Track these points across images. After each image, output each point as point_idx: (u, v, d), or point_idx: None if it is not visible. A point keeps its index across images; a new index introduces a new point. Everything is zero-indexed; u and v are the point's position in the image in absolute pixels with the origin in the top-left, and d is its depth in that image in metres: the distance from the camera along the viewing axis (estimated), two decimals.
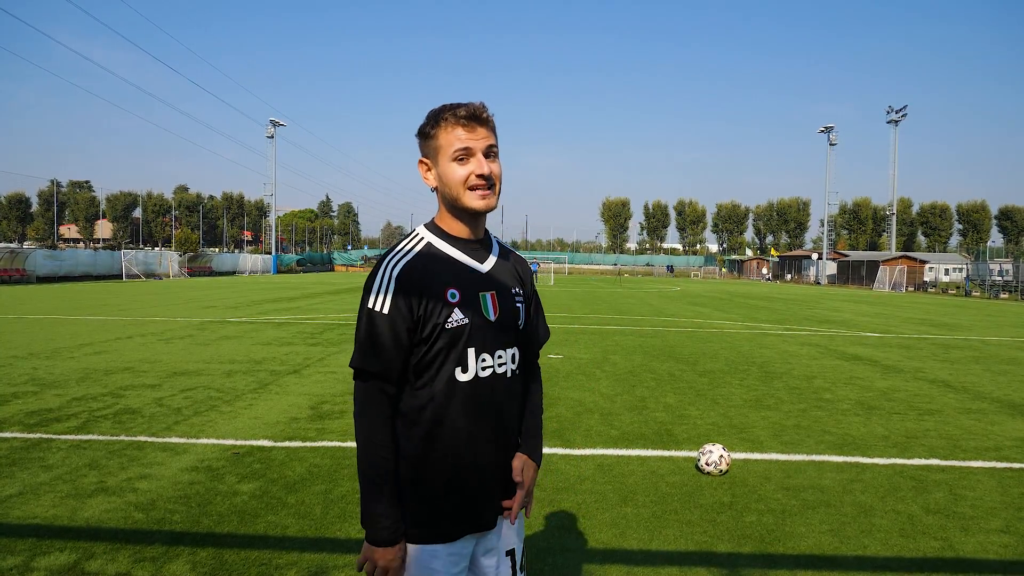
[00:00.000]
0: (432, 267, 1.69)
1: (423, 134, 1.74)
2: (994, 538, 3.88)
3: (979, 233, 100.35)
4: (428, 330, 1.65)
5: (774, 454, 5.46)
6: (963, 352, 12.57)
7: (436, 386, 1.67)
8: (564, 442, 5.65)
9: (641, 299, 28.97)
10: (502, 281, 1.79)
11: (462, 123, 1.67)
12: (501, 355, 1.74)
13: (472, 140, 1.67)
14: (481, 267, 1.76)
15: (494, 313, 1.73)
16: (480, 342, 1.70)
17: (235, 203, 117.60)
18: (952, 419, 6.88)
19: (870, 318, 20.77)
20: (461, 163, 1.68)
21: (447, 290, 1.67)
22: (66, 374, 8.31)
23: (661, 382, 8.56)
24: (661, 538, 3.79)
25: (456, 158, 1.68)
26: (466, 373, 1.68)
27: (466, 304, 1.68)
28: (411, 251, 1.72)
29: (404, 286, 1.64)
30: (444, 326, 1.65)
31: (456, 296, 1.68)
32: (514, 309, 1.79)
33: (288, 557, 3.44)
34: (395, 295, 1.64)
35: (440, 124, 1.69)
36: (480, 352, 1.70)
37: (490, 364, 1.72)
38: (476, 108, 1.68)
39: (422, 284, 1.65)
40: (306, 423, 6.15)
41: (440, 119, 1.69)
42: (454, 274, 1.71)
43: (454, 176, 1.68)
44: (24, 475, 4.58)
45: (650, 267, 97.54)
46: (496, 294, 1.75)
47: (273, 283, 39.75)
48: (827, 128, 71.21)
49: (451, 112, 1.68)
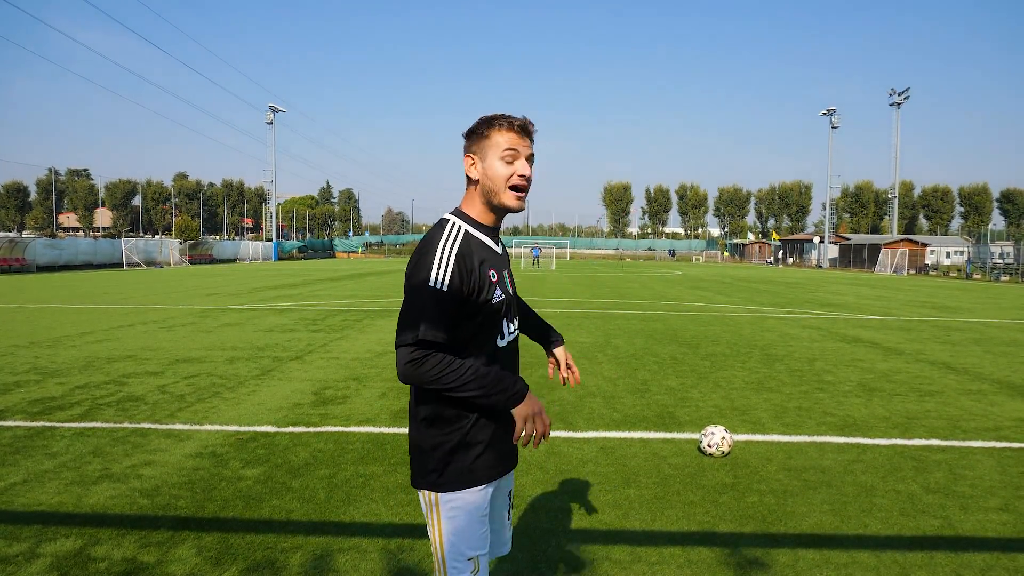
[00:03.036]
0: (477, 251, 1.92)
1: (475, 133, 1.96)
2: (993, 516, 3.90)
3: (981, 216, 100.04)
4: (478, 306, 1.88)
5: (776, 435, 5.48)
6: (964, 334, 12.58)
7: (486, 353, 1.93)
8: (567, 425, 5.67)
9: (643, 283, 28.96)
10: (508, 261, 2.12)
11: (516, 130, 1.92)
12: (514, 322, 2.08)
13: (521, 145, 1.93)
14: (498, 250, 2.04)
15: (511, 288, 2.07)
16: (509, 313, 2.02)
17: (235, 190, 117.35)
18: (952, 400, 6.90)
19: (871, 301, 20.78)
20: (508, 163, 1.92)
21: (489, 271, 1.93)
22: (68, 362, 8.34)
23: (663, 365, 8.57)
24: (663, 519, 3.81)
25: (504, 158, 1.91)
26: (503, 340, 1.99)
27: (501, 282, 1.98)
28: (459, 236, 1.92)
29: (459, 267, 1.85)
30: (491, 301, 1.91)
31: (495, 276, 1.95)
32: (515, 284, 2.14)
33: (293, 541, 3.47)
34: (452, 274, 1.83)
35: (495, 126, 1.93)
36: (510, 322, 2.03)
37: (513, 330, 2.06)
38: (527, 122, 1.95)
39: (472, 266, 1.88)
40: (309, 408, 6.17)
41: (495, 123, 1.93)
42: (489, 257, 1.97)
43: (500, 172, 1.92)
44: (28, 463, 4.61)
45: (652, 251, 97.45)
46: (508, 272, 2.08)
47: (274, 270, 39.75)
48: (829, 111, 70.78)
49: (507, 120, 1.94)
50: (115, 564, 3.19)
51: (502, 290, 1.96)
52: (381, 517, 3.78)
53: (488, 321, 1.91)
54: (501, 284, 1.96)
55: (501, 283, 1.97)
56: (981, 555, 3.42)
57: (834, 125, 70.93)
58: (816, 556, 3.38)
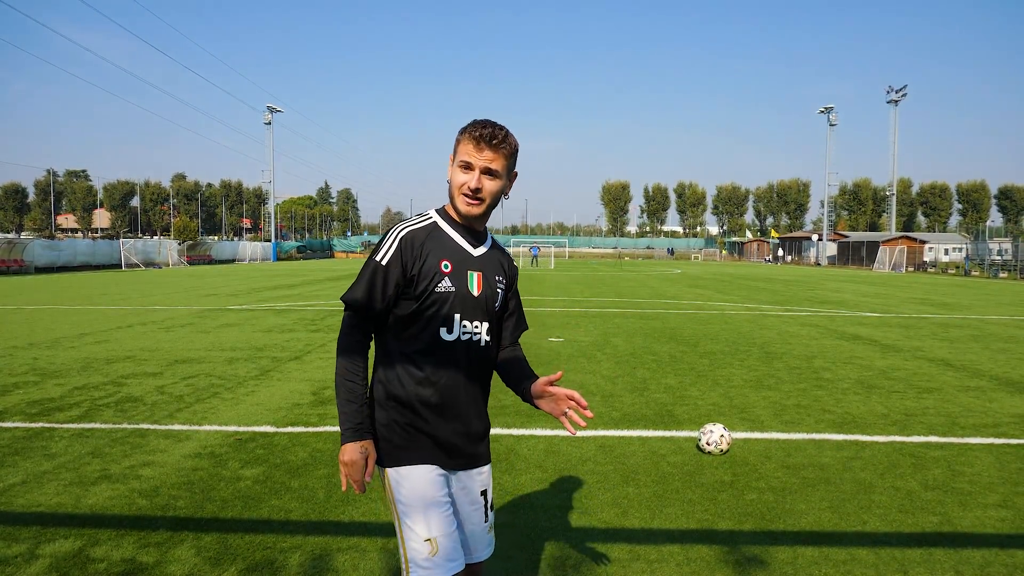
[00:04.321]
0: (434, 240, 2.03)
1: (456, 138, 2.06)
2: (991, 512, 3.91)
3: (979, 212, 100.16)
4: (420, 289, 1.97)
5: (774, 433, 5.49)
6: (962, 331, 12.60)
7: (425, 339, 2.00)
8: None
9: (642, 282, 28.97)
10: (488, 266, 2.11)
11: (474, 141, 1.98)
12: (478, 325, 2.06)
13: (475, 158, 1.98)
14: (473, 252, 2.09)
15: (477, 289, 2.06)
16: (463, 310, 2.02)
17: (233, 191, 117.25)
18: (951, 397, 6.90)
19: (870, 298, 20.79)
20: (463, 172, 2.01)
21: (442, 261, 2.01)
22: (67, 363, 8.33)
23: (662, 363, 8.58)
24: (662, 517, 3.81)
25: (460, 167, 2.01)
26: (451, 334, 2.02)
27: (456, 276, 2.02)
28: (418, 225, 2.06)
29: (404, 248, 1.99)
30: (434, 289, 1.98)
31: (448, 267, 2.01)
32: (493, 291, 2.11)
33: (292, 541, 3.47)
34: (395, 253, 1.98)
35: (463, 135, 2.01)
36: (463, 319, 2.03)
37: (469, 330, 2.05)
38: (491, 134, 1.97)
39: (421, 250, 1.99)
40: (308, 408, 6.17)
41: (464, 131, 2.01)
42: (451, 250, 2.04)
43: (455, 180, 2.03)
44: (27, 464, 4.60)
45: (651, 250, 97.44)
46: (482, 275, 2.08)
47: (273, 270, 39.72)
48: (827, 109, 70.79)
49: (471, 128, 2.00)
50: (114, 565, 3.19)
51: (454, 283, 2.00)
52: (380, 517, 3.78)
53: (430, 308, 1.98)
54: (456, 278, 2.01)
55: (457, 277, 2.01)
56: (980, 551, 3.42)
57: (832, 123, 70.98)
58: (815, 553, 3.39)
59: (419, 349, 2.00)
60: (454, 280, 2.00)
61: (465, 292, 2.02)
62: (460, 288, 2.01)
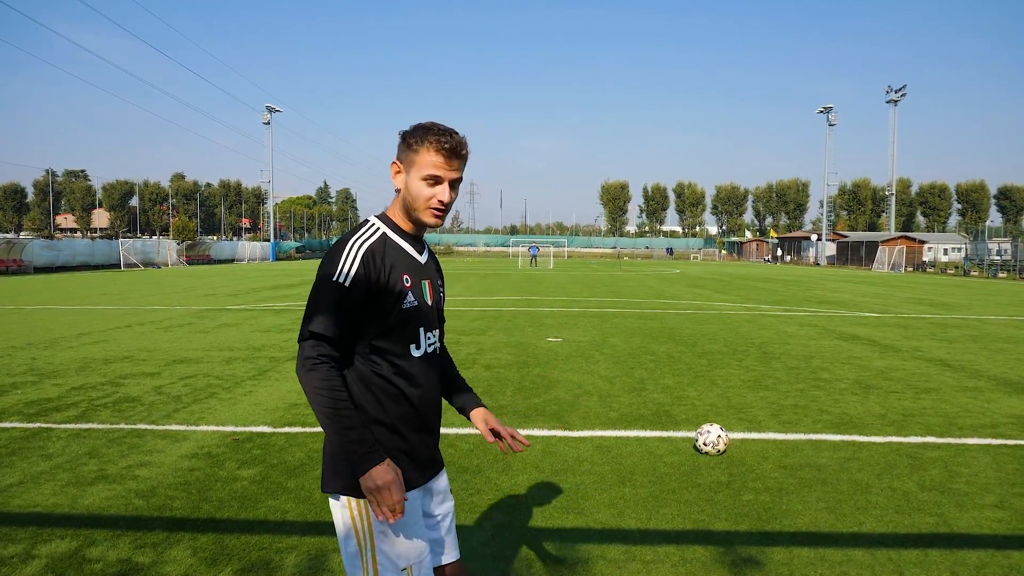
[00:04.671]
0: (391, 254, 1.89)
1: (406, 142, 1.89)
2: (988, 513, 3.91)
3: (978, 213, 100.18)
4: (387, 308, 1.85)
5: (772, 433, 5.49)
6: (961, 331, 12.60)
7: (398, 359, 1.89)
8: (563, 424, 5.67)
9: (640, 282, 28.97)
10: (432, 272, 2.05)
11: (444, 153, 1.85)
12: (432, 335, 2.00)
13: (445, 171, 1.87)
14: (421, 260, 1.99)
15: (430, 299, 2.00)
16: (424, 323, 1.95)
17: (232, 190, 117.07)
18: (949, 397, 6.91)
19: (869, 298, 20.80)
20: (430, 185, 1.87)
21: (402, 275, 1.89)
22: (65, 363, 8.33)
23: (660, 364, 8.58)
24: (659, 517, 3.81)
25: (427, 180, 1.87)
26: (419, 350, 1.94)
27: (415, 289, 1.93)
28: (373, 237, 1.89)
29: (368, 264, 1.83)
30: (401, 306, 1.87)
31: (408, 281, 1.90)
32: (438, 296, 2.07)
33: (288, 541, 3.46)
34: (358, 271, 1.81)
35: (424, 144, 1.85)
36: (426, 332, 1.97)
37: (432, 342, 1.99)
38: (459, 144, 1.87)
39: (382, 266, 1.85)
40: (305, 409, 6.17)
41: (426, 140, 1.85)
42: (406, 264, 1.93)
43: (421, 194, 1.88)
44: (24, 464, 4.60)
45: (649, 250, 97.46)
46: (430, 282, 2.02)
47: (272, 270, 39.71)
48: (826, 108, 70.83)
49: (437, 138, 1.85)
50: (110, 565, 3.19)
51: (416, 297, 1.91)
52: None
53: (399, 326, 1.87)
54: (416, 291, 1.91)
55: (416, 290, 1.92)
56: (976, 552, 3.42)
57: (831, 123, 71.01)
58: (811, 554, 3.39)
59: (394, 370, 1.88)
60: (415, 294, 1.91)
61: (424, 305, 1.95)
62: (421, 302, 1.93)
